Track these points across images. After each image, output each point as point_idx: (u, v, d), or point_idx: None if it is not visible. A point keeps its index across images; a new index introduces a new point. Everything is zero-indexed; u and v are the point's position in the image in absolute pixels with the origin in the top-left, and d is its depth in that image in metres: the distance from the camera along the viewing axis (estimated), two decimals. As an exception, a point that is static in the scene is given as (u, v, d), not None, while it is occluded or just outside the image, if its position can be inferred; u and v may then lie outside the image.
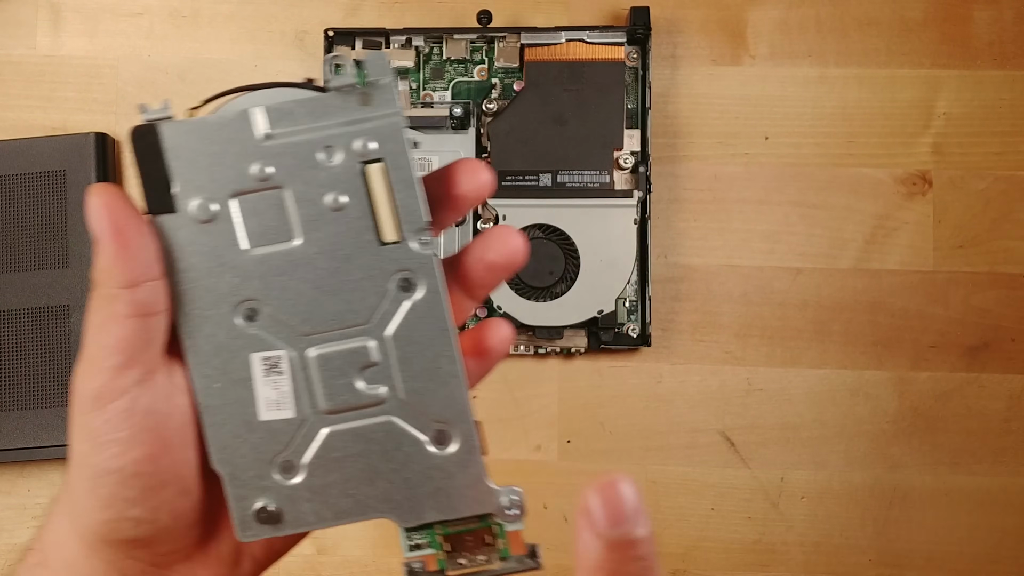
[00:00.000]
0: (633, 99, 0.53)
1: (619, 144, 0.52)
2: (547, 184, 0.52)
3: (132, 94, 0.56)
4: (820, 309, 0.54)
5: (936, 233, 0.54)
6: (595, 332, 0.52)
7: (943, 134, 0.55)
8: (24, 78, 0.56)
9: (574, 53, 0.52)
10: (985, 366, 0.54)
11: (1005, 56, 0.55)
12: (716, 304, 0.54)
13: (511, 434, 0.54)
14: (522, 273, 0.52)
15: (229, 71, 0.56)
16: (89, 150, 0.54)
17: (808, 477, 0.53)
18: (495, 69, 0.54)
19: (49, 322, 0.53)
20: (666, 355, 0.54)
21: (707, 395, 0.54)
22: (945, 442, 0.53)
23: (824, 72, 0.55)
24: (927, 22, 0.55)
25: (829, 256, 0.54)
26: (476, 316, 0.53)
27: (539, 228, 0.52)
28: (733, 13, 0.55)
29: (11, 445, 0.52)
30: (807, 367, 0.54)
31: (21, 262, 0.53)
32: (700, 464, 0.54)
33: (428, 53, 0.54)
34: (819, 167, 0.55)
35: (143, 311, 0.25)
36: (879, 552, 0.53)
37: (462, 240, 0.53)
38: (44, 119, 0.56)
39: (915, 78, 0.55)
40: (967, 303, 0.54)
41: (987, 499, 0.53)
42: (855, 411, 0.54)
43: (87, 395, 0.25)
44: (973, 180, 0.54)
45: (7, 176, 0.54)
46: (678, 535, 0.53)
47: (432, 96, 0.54)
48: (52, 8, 0.57)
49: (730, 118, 0.55)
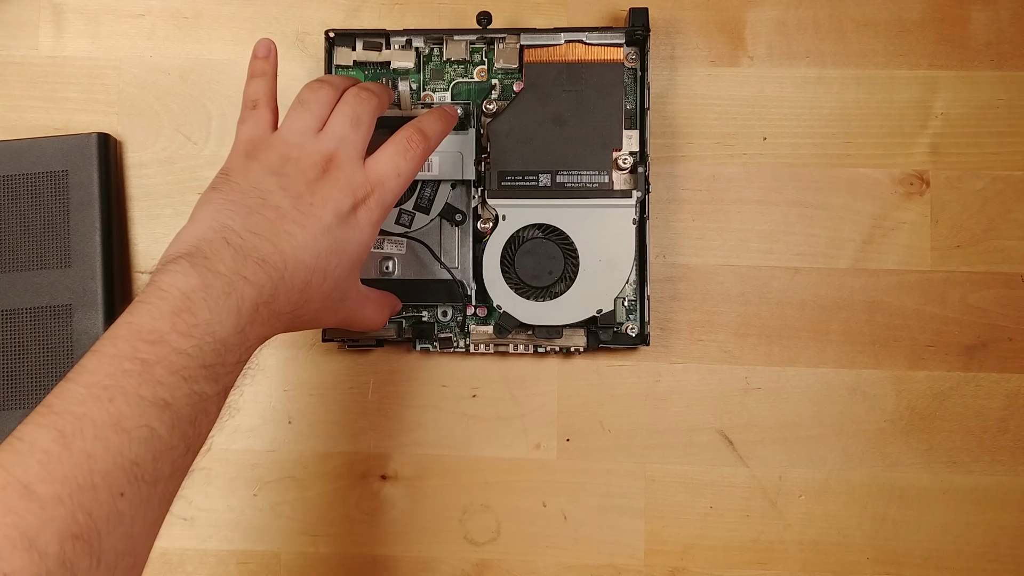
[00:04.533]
0: (632, 100, 0.53)
1: (618, 144, 0.52)
2: (546, 184, 0.52)
3: (134, 95, 0.57)
4: (818, 308, 0.54)
5: (933, 233, 0.54)
6: (594, 331, 0.53)
7: (941, 134, 0.55)
8: (26, 79, 0.57)
9: (573, 54, 0.52)
10: (983, 365, 0.54)
11: (1002, 57, 0.55)
12: (714, 303, 0.55)
13: (510, 433, 0.54)
14: (521, 273, 0.52)
15: (231, 72, 0.56)
16: (91, 150, 0.54)
17: (806, 476, 0.54)
18: (495, 70, 0.54)
19: (51, 322, 0.53)
20: (665, 354, 0.54)
21: (705, 394, 0.54)
22: (943, 441, 0.54)
23: (822, 73, 0.55)
24: (924, 23, 0.55)
25: (827, 256, 0.55)
26: (485, 313, 0.54)
27: (538, 228, 0.52)
28: (731, 14, 0.56)
29: (13, 444, 0.52)
30: (805, 366, 0.54)
31: (23, 262, 0.53)
32: (698, 463, 0.54)
33: (428, 54, 0.54)
34: (817, 167, 0.55)
35: None
36: (877, 550, 0.53)
37: (462, 240, 0.53)
38: (46, 120, 0.56)
39: (913, 79, 0.55)
40: (964, 302, 0.54)
41: (984, 498, 0.53)
42: (853, 410, 0.54)
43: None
44: (970, 180, 0.55)
45: (9, 176, 0.54)
46: (676, 533, 0.54)
47: (432, 97, 0.54)
48: (54, 9, 0.57)
49: (728, 119, 0.55)
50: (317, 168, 0.40)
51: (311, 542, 0.54)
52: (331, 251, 0.39)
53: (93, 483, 0.28)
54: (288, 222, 0.38)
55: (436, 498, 0.54)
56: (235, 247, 0.36)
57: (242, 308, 0.35)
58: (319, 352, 0.55)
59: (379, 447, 0.55)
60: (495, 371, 0.55)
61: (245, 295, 0.35)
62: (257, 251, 0.36)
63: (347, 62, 0.54)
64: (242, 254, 0.36)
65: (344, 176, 0.40)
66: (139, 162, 0.56)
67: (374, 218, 0.41)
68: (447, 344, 0.53)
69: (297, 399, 0.55)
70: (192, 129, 0.56)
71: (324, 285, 0.39)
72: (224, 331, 0.34)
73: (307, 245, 0.38)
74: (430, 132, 0.44)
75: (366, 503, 0.54)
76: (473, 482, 0.54)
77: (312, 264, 0.38)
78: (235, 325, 0.34)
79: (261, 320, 0.36)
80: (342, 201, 0.40)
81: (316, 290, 0.39)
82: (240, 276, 0.35)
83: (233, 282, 0.35)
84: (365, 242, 0.41)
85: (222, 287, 0.34)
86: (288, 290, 0.37)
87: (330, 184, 0.40)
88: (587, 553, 0.54)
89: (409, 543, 0.54)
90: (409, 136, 0.43)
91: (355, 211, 0.40)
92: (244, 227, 0.37)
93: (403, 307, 0.53)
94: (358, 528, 0.54)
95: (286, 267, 0.37)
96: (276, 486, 0.55)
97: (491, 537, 0.54)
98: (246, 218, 0.37)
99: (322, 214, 0.39)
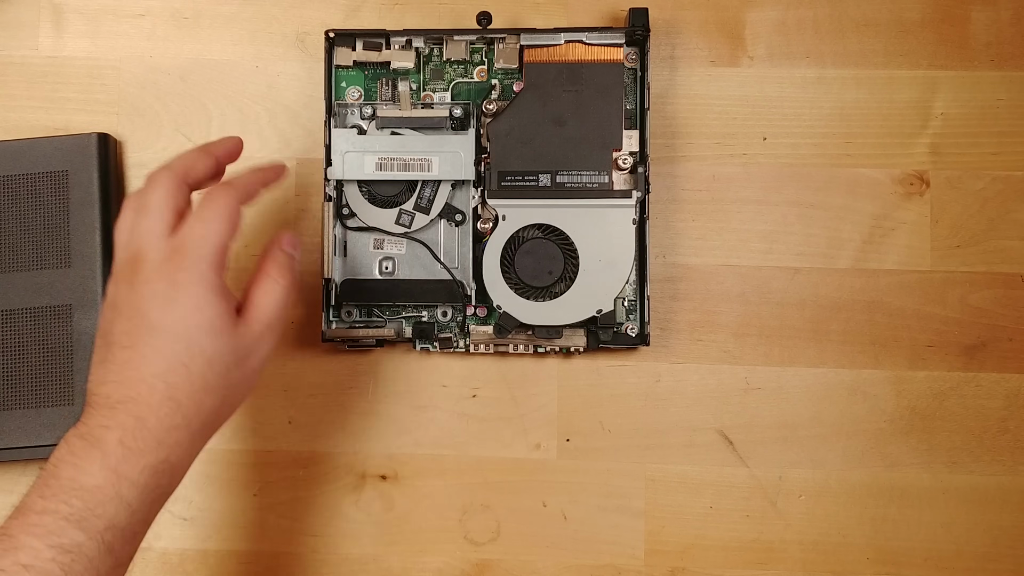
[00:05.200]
0: (632, 100, 0.53)
1: (618, 145, 0.52)
2: (546, 184, 0.52)
3: (134, 95, 0.57)
4: (818, 308, 0.54)
5: (933, 233, 0.54)
6: (594, 331, 0.53)
7: (940, 134, 0.55)
8: (26, 79, 0.57)
9: (573, 54, 0.52)
10: (982, 365, 0.54)
11: (1002, 57, 0.55)
12: (714, 303, 0.55)
13: (510, 433, 0.54)
14: (521, 273, 0.52)
15: (230, 72, 0.56)
16: (91, 151, 0.54)
17: (806, 476, 0.54)
18: (494, 70, 0.54)
19: (51, 322, 0.53)
20: (664, 354, 0.54)
21: (705, 394, 0.54)
22: (943, 441, 0.54)
23: (822, 73, 0.55)
24: (924, 23, 0.55)
25: (827, 256, 0.55)
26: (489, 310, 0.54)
27: (538, 228, 0.52)
28: (731, 15, 0.56)
29: (13, 444, 0.52)
30: (805, 366, 0.54)
31: (23, 262, 0.53)
32: (698, 463, 0.54)
33: (428, 54, 0.54)
34: (817, 167, 0.55)
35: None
36: (877, 550, 0.53)
37: (462, 240, 0.53)
38: (46, 120, 0.56)
39: (913, 79, 0.55)
40: (964, 302, 0.54)
41: (984, 498, 0.53)
42: (853, 410, 0.54)
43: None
44: (970, 180, 0.55)
45: (9, 176, 0.54)
46: (676, 533, 0.54)
47: (432, 97, 0.54)
48: (54, 9, 0.57)
49: (728, 119, 0.55)
50: (127, 272, 0.40)
51: (311, 542, 0.54)
52: (171, 342, 0.38)
53: None
54: (119, 349, 0.38)
55: (436, 498, 0.54)
56: (93, 406, 0.38)
57: (106, 451, 0.36)
58: (319, 352, 0.55)
59: (379, 447, 0.55)
60: (495, 371, 0.55)
61: (106, 440, 0.36)
62: (108, 399, 0.37)
63: (347, 62, 0.54)
64: (99, 407, 0.37)
65: (145, 267, 0.39)
66: (139, 162, 0.56)
67: (189, 273, 0.39)
68: (447, 344, 0.53)
69: (297, 399, 0.55)
70: (192, 129, 0.56)
71: (192, 377, 0.38)
72: (88, 477, 0.36)
73: (145, 357, 0.38)
74: (237, 184, 0.43)
75: (366, 503, 0.54)
76: (473, 482, 0.54)
77: (160, 369, 0.37)
78: (99, 467, 0.36)
79: (131, 451, 0.37)
80: (152, 294, 0.38)
81: (183, 388, 0.38)
82: (100, 427, 0.37)
83: (94, 433, 0.37)
84: (196, 308, 0.38)
85: (84, 445, 0.36)
86: (155, 409, 0.37)
87: (140, 284, 0.39)
88: (587, 553, 0.54)
89: (409, 543, 0.54)
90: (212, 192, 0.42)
91: (169, 291, 0.38)
92: (96, 384, 0.38)
93: (404, 305, 0.53)
94: (358, 528, 0.54)
95: (139, 392, 0.37)
96: (276, 486, 0.55)
97: (491, 537, 0.54)
98: (94, 376, 0.39)
99: (144, 318, 0.38)
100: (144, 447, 0.37)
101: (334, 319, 0.54)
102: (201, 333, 0.38)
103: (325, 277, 0.52)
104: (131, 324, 0.38)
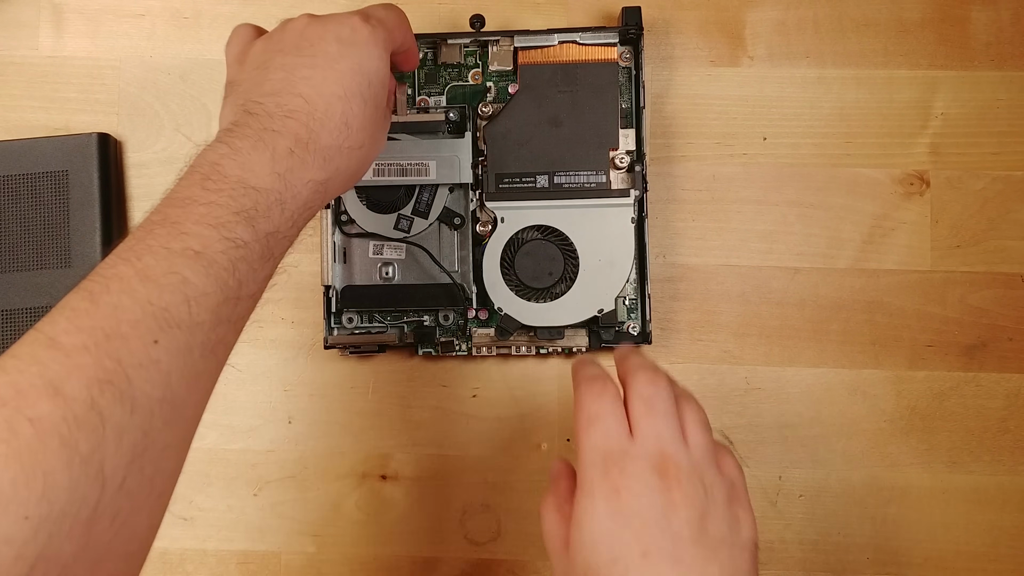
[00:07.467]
0: (627, 99, 0.53)
1: (614, 144, 0.52)
2: (544, 185, 0.52)
3: (134, 95, 0.57)
4: (818, 308, 0.54)
5: (933, 233, 0.54)
6: (596, 331, 0.53)
7: (941, 134, 0.55)
8: (26, 79, 0.57)
9: (567, 55, 0.52)
10: (982, 365, 0.54)
11: (1002, 57, 0.55)
12: (714, 303, 0.55)
13: (511, 433, 0.54)
14: (521, 275, 0.52)
15: (230, 72, 0.56)
16: (91, 150, 0.54)
17: (806, 476, 0.54)
18: (489, 73, 0.54)
19: (51, 322, 0.53)
20: (664, 354, 0.54)
21: (705, 394, 0.54)
22: (943, 441, 0.54)
23: (822, 73, 0.55)
24: (924, 23, 0.55)
25: (827, 256, 0.54)
26: (485, 314, 0.54)
27: (537, 229, 0.52)
28: (731, 14, 0.55)
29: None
30: (805, 366, 0.54)
31: (23, 262, 0.53)
32: (698, 463, 0.54)
33: (423, 59, 0.54)
34: (817, 167, 0.55)
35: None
36: (877, 550, 0.53)
37: (461, 243, 0.53)
38: (46, 120, 0.57)
39: (913, 79, 0.55)
40: (964, 302, 0.54)
41: (984, 498, 0.53)
42: (853, 410, 0.54)
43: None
44: (970, 180, 0.55)
45: (9, 176, 0.54)
46: (676, 533, 0.53)
47: (428, 101, 0.54)
48: (54, 9, 0.57)
49: (728, 119, 0.55)
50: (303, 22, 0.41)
51: (311, 542, 0.54)
52: (354, 72, 0.39)
53: (121, 332, 0.29)
54: (300, 69, 0.38)
55: (436, 498, 0.54)
56: (257, 114, 0.37)
57: (276, 155, 0.35)
58: (319, 353, 0.55)
59: (379, 447, 0.55)
60: (495, 371, 0.55)
61: (277, 145, 0.35)
62: (281, 107, 0.37)
63: (346, 62, 0.54)
64: (266, 115, 0.36)
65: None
66: (139, 162, 0.56)
67: (374, 30, 0.41)
68: (449, 348, 0.53)
69: (297, 399, 0.55)
70: (192, 129, 0.56)
71: (366, 109, 0.39)
72: (257, 179, 0.34)
73: (328, 78, 0.38)
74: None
75: (366, 503, 0.54)
76: (473, 482, 0.54)
77: (342, 92, 0.38)
78: (269, 171, 0.35)
79: (301, 162, 0.36)
80: (339, 29, 0.40)
81: (357, 116, 0.38)
82: (268, 131, 0.36)
83: (261, 137, 0.35)
84: (376, 55, 0.40)
85: (250, 145, 0.35)
86: (329, 127, 0.37)
87: (323, 22, 0.40)
88: (587, 553, 0.54)
89: (409, 543, 0.54)
90: None
91: (355, 32, 0.40)
92: (260, 95, 0.37)
93: (405, 310, 0.53)
94: (358, 528, 0.54)
95: (315, 107, 0.37)
96: (276, 486, 0.55)
97: (491, 537, 0.54)
98: (259, 88, 0.38)
99: (326, 47, 0.39)
100: (312, 162, 0.36)
101: (335, 325, 0.54)
102: (378, 79, 0.39)
103: (325, 284, 0.52)
104: (312, 49, 0.39)
